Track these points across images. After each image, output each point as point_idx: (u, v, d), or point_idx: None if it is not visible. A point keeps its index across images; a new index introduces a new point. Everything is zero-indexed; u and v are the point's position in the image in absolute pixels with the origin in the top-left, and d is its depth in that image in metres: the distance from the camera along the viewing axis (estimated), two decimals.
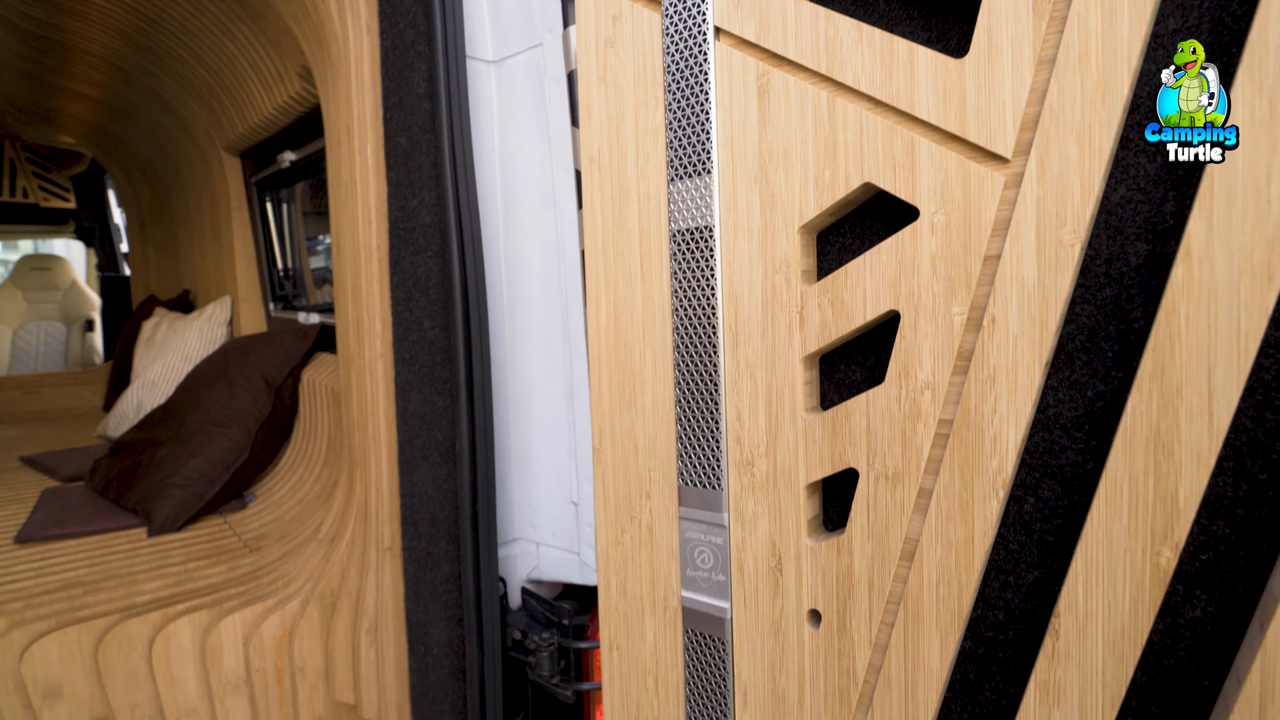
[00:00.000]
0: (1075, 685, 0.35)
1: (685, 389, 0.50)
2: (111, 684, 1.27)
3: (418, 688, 1.14)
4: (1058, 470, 0.38)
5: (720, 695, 0.50)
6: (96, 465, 1.98)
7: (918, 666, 0.41)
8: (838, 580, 0.43)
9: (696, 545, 0.50)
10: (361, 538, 1.29)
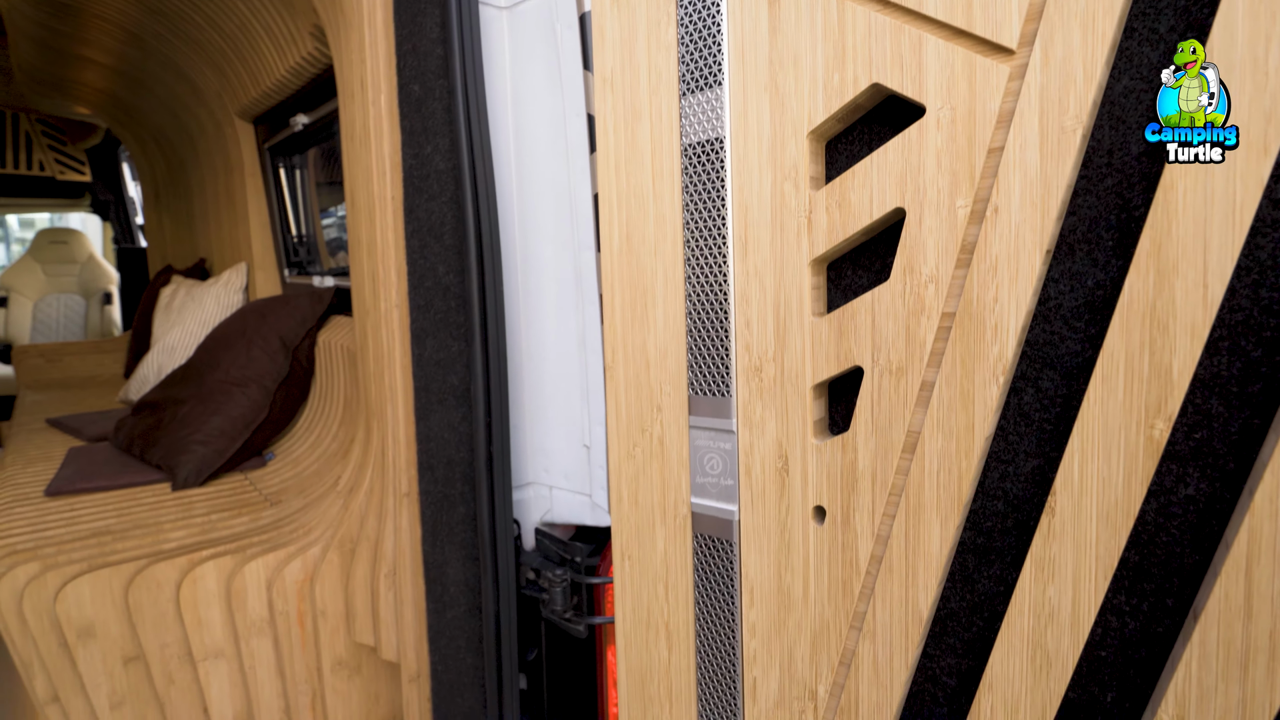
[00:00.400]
0: (1070, 560, 0.37)
1: (695, 301, 0.52)
2: (141, 625, 1.32)
3: (435, 626, 1.18)
4: (1057, 360, 0.39)
5: (728, 595, 0.52)
6: (120, 424, 2.03)
7: (918, 554, 0.42)
8: (842, 476, 0.45)
9: (706, 452, 0.52)
10: (379, 485, 1.33)
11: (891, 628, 0.44)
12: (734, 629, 0.52)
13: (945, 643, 0.44)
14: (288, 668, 1.37)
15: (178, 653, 1.36)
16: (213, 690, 1.37)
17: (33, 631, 1.29)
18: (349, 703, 1.39)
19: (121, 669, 1.34)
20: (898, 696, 0.45)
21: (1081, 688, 0.39)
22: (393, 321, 1.21)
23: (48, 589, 1.29)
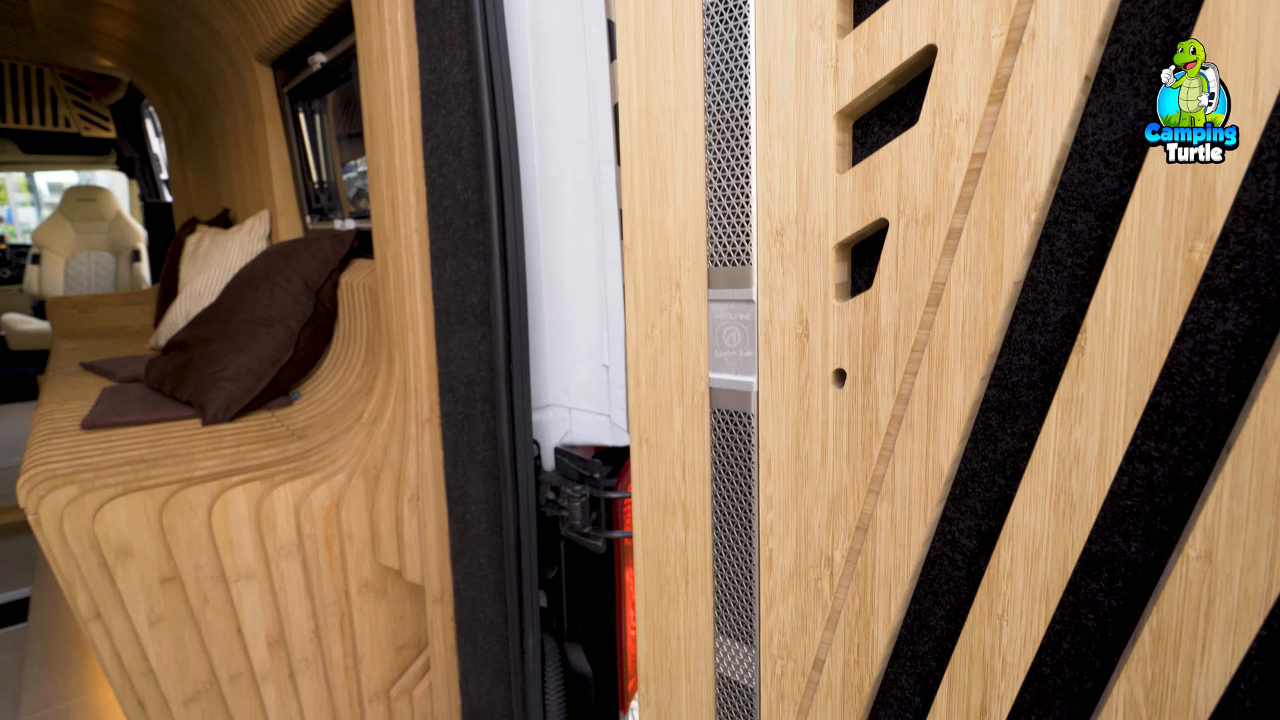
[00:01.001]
0: (1099, 399, 0.36)
1: (716, 170, 0.50)
2: (176, 546, 1.37)
3: (457, 546, 1.20)
4: (1093, 200, 0.37)
5: (745, 469, 0.52)
6: (151, 364, 2.08)
7: (940, 408, 0.42)
8: (864, 335, 0.44)
9: (725, 325, 0.52)
10: (401, 413, 1.35)
11: (911, 487, 0.43)
12: (750, 502, 0.52)
13: (965, 504, 0.43)
14: (316, 590, 1.41)
15: (211, 574, 1.41)
16: (245, 610, 1.42)
17: (73, 551, 1.34)
18: (376, 624, 1.43)
19: (158, 588, 1.39)
20: (915, 557, 0.45)
21: (1105, 539, 0.39)
22: (412, 246, 1.21)
23: (85, 510, 1.33)
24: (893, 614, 0.46)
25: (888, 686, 0.49)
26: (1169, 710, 0.36)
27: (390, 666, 1.46)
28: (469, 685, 1.26)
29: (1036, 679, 0.42)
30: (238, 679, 1.47)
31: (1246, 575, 0.33)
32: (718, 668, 0.56)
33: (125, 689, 1.46)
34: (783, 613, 0.51)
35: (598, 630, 1.13)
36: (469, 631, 1.22)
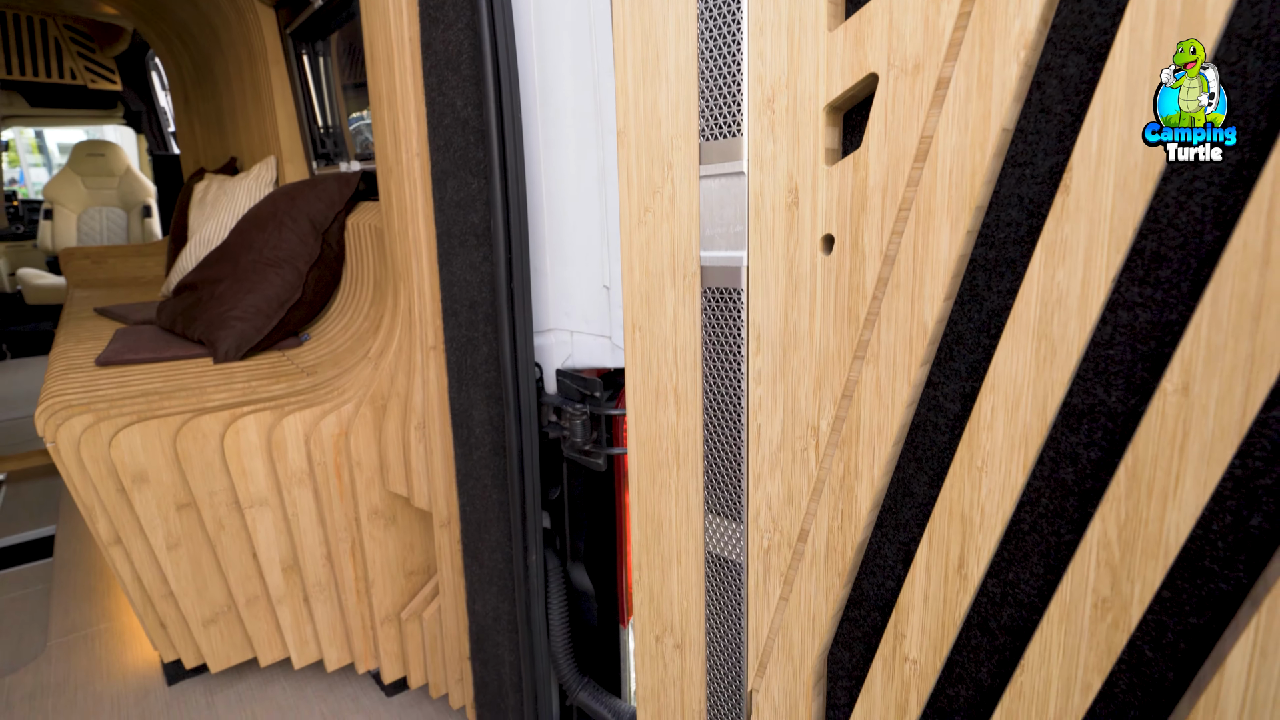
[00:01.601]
0: (1083, 239, 0.36)
1: (708, 39, 0.50)
2: (190, 472, 1.40)
3: (463, 469, 1.23)
4: (1084, 43, 0.36)
5: (734, 347, 0.52)
6: (163, 305, 2.10)
7: (926, 264, 0.42)
8: (852, 197, 0.44)
9: (716, 201, 0.51)
10: (407, 343, 1.36)
11: (895, 348, 0.44)
12: (740, 380, 0.52)
13: (950, 368, 0.44)
14: (328, 516, 1.45)
15: (226, 500, 1.44)
16: (260, 536, 1.46)
17: (91, 477, 1.38)
18: (385, 550, 1.47)
19: (175, 514, 1.44)
20: (899, 419, 0.45)
21: (1086, 391, 0.39)
22: (414, 171, 1.21)
23: (102, 437, 1.37)
24: (876, 477, 0.47)
25: (871, 553, 0.50)
26: (1140, 546, 0.37)
27: (400, 591, 1.51)
28: (475, 604, 1.30)
29: (1015, 536, 0.43)
30: (254, 602, 1.53)
31: (1222, 405, 0.33)
32: (707, 546, 0.58)
33: (147, 611, 1.52)
34: (770, 486, 0.52)
35: (599, 549, 1.15)
36: (475, 552, 1.25)
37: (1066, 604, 0.40)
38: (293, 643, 1.55)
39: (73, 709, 1.58)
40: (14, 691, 1.64)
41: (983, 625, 0.46)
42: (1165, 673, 0.39)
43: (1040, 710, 0.42)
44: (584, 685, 1.16)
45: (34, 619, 1.95)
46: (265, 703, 1.60)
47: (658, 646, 0.65)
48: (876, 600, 0.50)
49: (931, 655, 0.47)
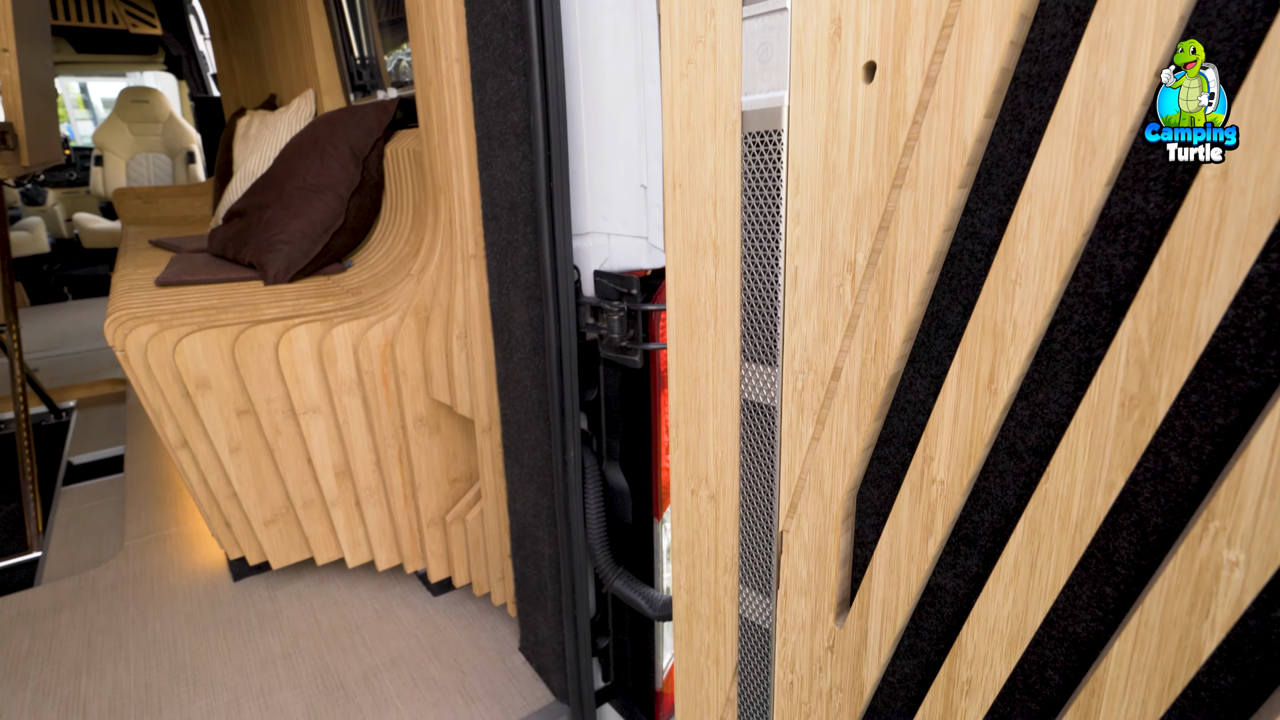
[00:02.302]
0: (1127, 31, 0.36)
1: None
2: (248, 379, 1.48)
3: (503, 372, 1.27)
4: None
5: (773, 189, 0.53)
6: (214, 233, 2.18)
7: (968, 80, 0.42)
8: (895, 20, 0.44)
9: (758, 42, 0.52)
10: (448, 255, 1.39)
11: (934, 170, 0.44)
12: (777, 222, 0.54)
13: (988, 192, 0.44)
14: (376, 424, 1.52)
15: (281, 407, 1.52)
16: (313, 441, 1.54)
17: (158, 382, 1.46)
18: (431, 457, 1.54)
19: (235, 420, 1.52)
20: (935, 245, 0.46)
21: (1124, 200, 0.39)
22: (454, 77, 1.22)
23: (166, 345, 1.45)
24: (910, 306, 0.48)
25: (903, 388, 0.52)
26: (1171, 339, 0.38)
27: (445, 496, 1.58)
28: (516, 503, 1.36)
29: (1046, 355, 0.44)
30: (310, 505, 1.62)
31: (1260, 185, 0.34)
32: (743, 394, 0.60)
33: (213, 511, 1.63)
34: (805, 327, 0.54)
35: (634, 449, 1.19)
36: (515, 453, 1.31)
37: (1094, 406, 0.41)
38: (346, 544, 1.64)
39: (150, 598, 1.72)
40: (97, 582, 1.79)
41: (1010, 449, 0.47)
42: (1190, 475, 0.41)
43: (1063, 514, 0.44)
44: (619, 574, 1.21)
45: (110, 524, 2.10)
46: (323, 598, 1.71)
47: (693, 499, 0.69)
48: (906, 437, 0.52)
49: (959, 474, 0.49)
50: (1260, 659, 0.40)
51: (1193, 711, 0.44)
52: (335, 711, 1.38)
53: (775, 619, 0.63)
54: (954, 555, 0.52)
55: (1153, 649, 0.42)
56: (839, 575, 0.58)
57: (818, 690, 0.61)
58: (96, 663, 1.51)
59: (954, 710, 0.52)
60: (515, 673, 1.48)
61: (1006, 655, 0.49)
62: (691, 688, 0.77)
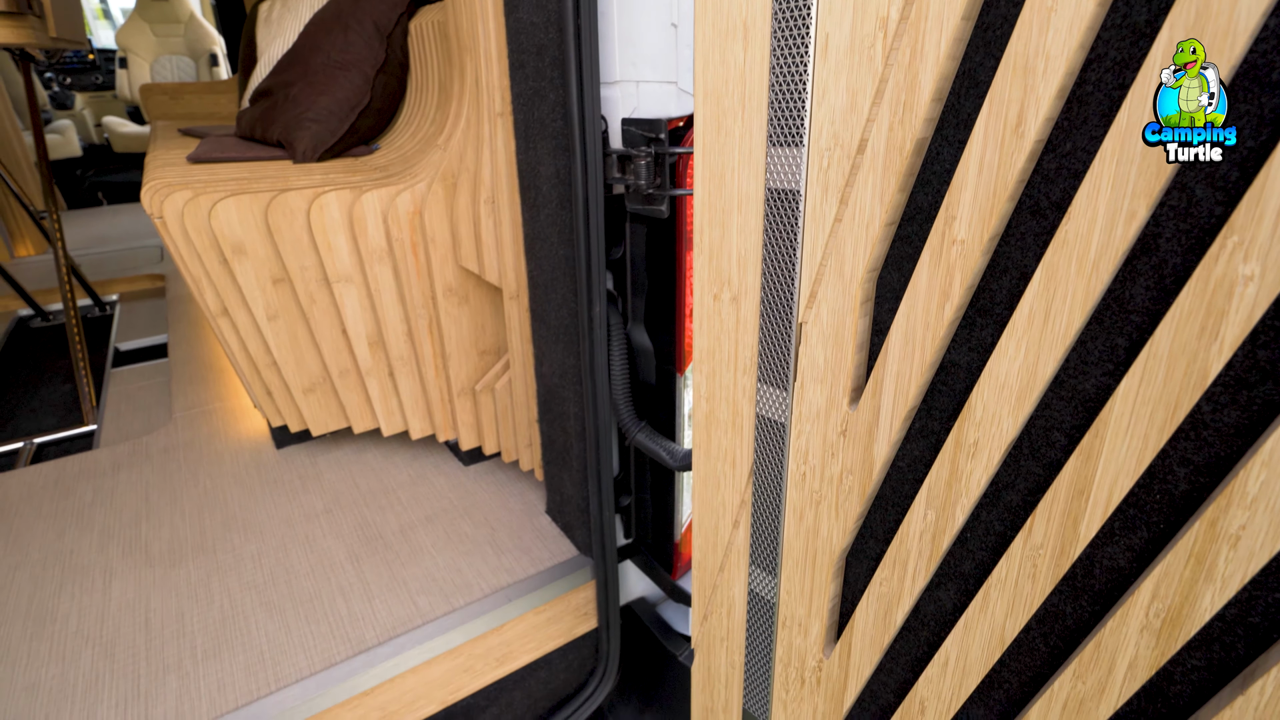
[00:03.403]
0: None
1: None
2: (282, 246, 1.51)
3: (530, 232, 1.28)
4: None
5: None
6: (241, 115, 2.18)
7: None
8: None
9: None
10: (475, 117, 1.38)
11: None
12: None
13: None
14: (407, 293, 1.56)
15: (315, 276, 1.56)
16: (347, 311, 1.58)
17: (196, 248, 1.50)
18: (460, 327, 1.58)
19: (272, 287, 1.57)
20: None
21: None
22: None
23: (201, 209, 1.48)
24: (941, 58, 0.47)
25: (930, 157, 0.52)
26: (1207, 40, 0.37)
27: (474, 367, 1.63)
28: (543, 367, 1.40)
29: (1077, 100, 0.44)
30: (346, 374, 1.68)
31: None
32: (768, 183, 0.61)
33: (254, 379, 1.70)
34: (834, 99, 0.54)
35: (657, 309, 1.21)
36: (542, 315, 1.33)
37: (1122, 132, 0.41)
38: (381, 413, 1.72)
39: (200, 461, 1.83)
40: (150, 447, 1.90)
41: (1034, 207, 0.48)
42: (1214, 207, 0.41)
43: (1081, 254, 0.44)
44: (641, 428, 1.26)
45: (158, 400, 2.21)
46: (360, 464, 1.80)
47: (715, 304, 0.70)
48: (930, 212, 0.53)
49: (979, 232, 0.49)
50: (1267, 388, 0.41)
51: (1194, 453, 0.45)
52: (375, 557, 1.48)
53: (791, 411, 0.65)
54: (969, 328, 0.53)
55: (1159, 380, 0.43)
56: (855, 360, 0.60)
57: (829, 476, 0.64)
58: (154, 513, 1.63)
59: (960, 474, 0.55)
60: (542, 531, 1.56)
61: (1014, 411, 0.50)
62: (708, 495, 0.81)
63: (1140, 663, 0.49)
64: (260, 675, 1.19)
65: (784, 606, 0.74)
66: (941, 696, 0.63)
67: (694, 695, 0.95)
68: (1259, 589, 0.45)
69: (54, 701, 1.15)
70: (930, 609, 0.64)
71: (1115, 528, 0.50)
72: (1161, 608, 0.47)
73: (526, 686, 1.41)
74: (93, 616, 1.32)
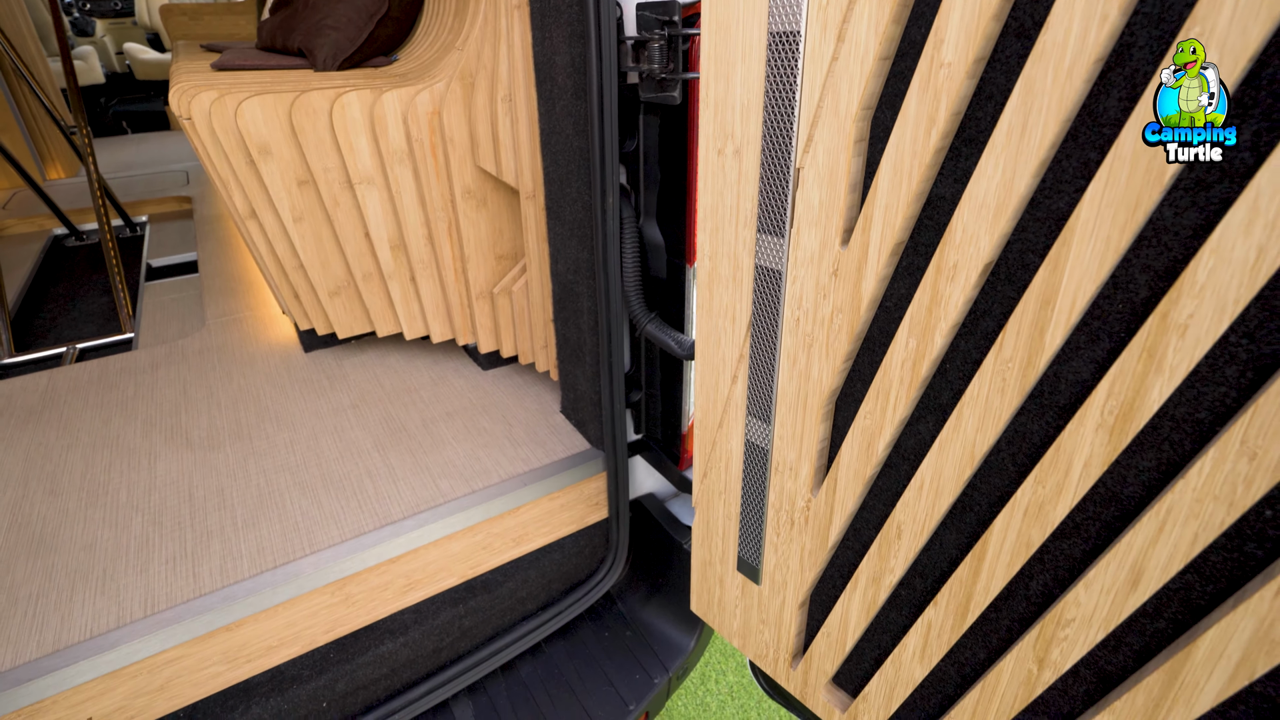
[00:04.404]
0: None
1: None
2: (306, 147, 1.55)
3: (546, 126, 1.30)
4: None
5: None
6: (262, 25, 2.19)
7: None
8: None
9: None
10: (493, 10, 1.39)
11: None
12: None
13: None
14: (427, 196, 1.59)
15: (338, 178, 1.60)
16: (369, 213, 1.63)
17: (224, 148, 1.54)
18: (478, 230, 1.62)
19: (297, 189, 1.61)
20: None
21: None
22: None
23: (228, 109, 1.51)
24: None
25: None
26: None
27: (492, 271, 1.68)
28: (558, 265, 1.44)
29: None
30: (369, 278, 1.74)
31: None
32: (770, 28, 0.63)
33: (282, 282, 1.77)
34: None
35: (668, 203, 1.24)
36: (557, 212, 1.37)
37: None
38: (403, 316, 1.78)
39: (233, 361, 1.92)
40: (186, 349, 1.99)
41: (1019, 29, 0.50)
42: (1182, 10, 0.43)
43: (1057, 63, 0.47)
44: (651, 319, 1.30)
45: (191, 309, 2.30)
46: (384, 367, 1.88)
47: (719, 159, 0.74)
48: (923, 46, 0.55)
49: (965, 53, 0.51)
50: (1225, 188, 0.44)
51: (1154, 259, 0.49)
52: (399, 447, 1.56)
53: (787, 257, 0.69)
54: (955, 159, 0.56)
55: (1122, 181, 0.46)
56: (847, 201, 0.63)
57: (820, 318, 0.69)
58: (192, 405, 1.73)
59: (940, 298, 0.59)
60: (556, 428, 1.64)
61: (991, 229, 0.54)
62: (709, 353, 0.86)
63: (1094, 460, 0.54)
64: (295, 541, 1.29)
65: (777, 453, 0.79)
66: (917, 519, 0.68)
67: (693, 551, 1.02)
68: (1205, 384, 0.49)
69: (110, 558, 1.26)
70: (910, 443, 0.69)
71: (1080, 341, 0.54)
72: (1115, 404, 0.51)
73: (541, 566, 1.50)
74: (140, 490, 1.43)
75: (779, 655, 0.93)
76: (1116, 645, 0.59)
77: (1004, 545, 0.61)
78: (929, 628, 0.71)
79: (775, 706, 2.23)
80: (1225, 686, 0.51)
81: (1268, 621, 0.48)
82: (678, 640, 1.60)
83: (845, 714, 0.86)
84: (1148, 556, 0.53)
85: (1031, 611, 0.65)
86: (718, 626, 1.04)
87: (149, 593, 1.18)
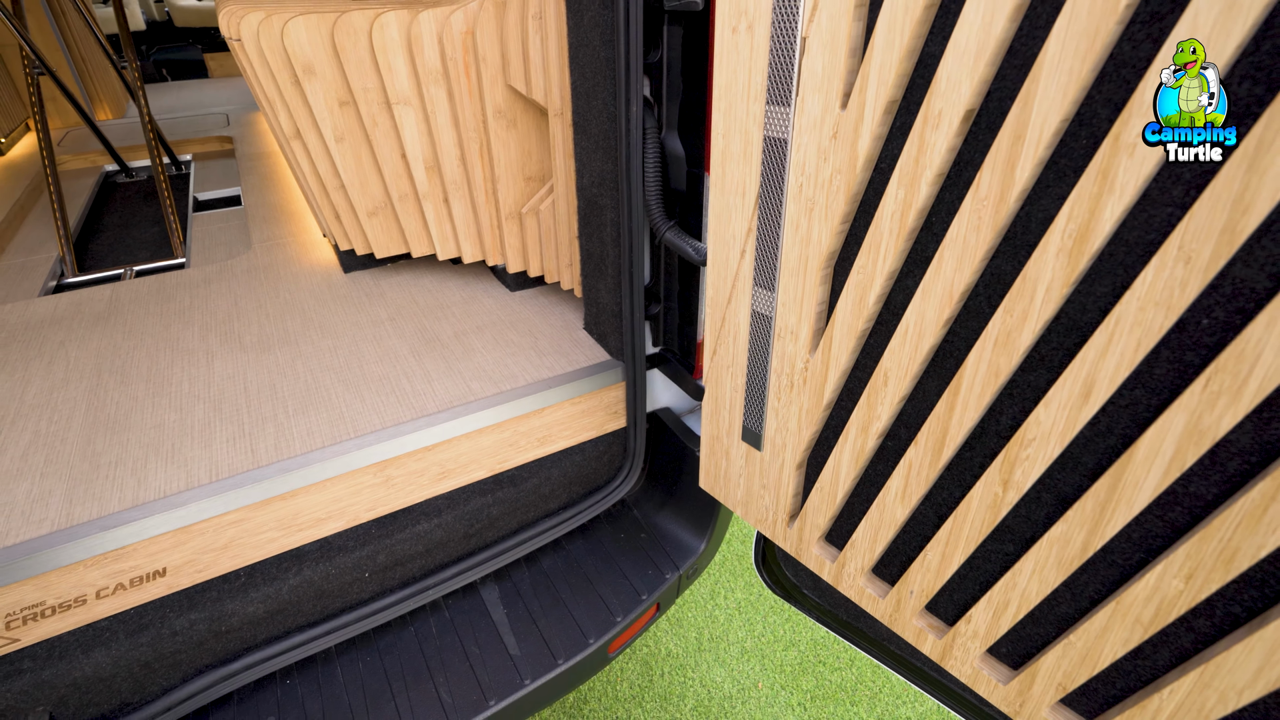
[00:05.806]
0: None
1: None
2: (347, 66, 1.62)
3: (574, 39, 1.36)
4: None
5: None
6: None
7: None
8: None
9: None
10: None
11: None
12: None
13: None
14: (460, 116, 1.67)
15: (377, 98, 1.68)
16: (406, 134, 1.71)
17: (271, 68, 1.63)
18: (509, 150, 1.69)
19: (339, 110, 1.70)
20: None
21: None
22: None
23: (274, 29, 1.59)
24: None
25: None
26: None
27: (521, 193, 1.76)
28: (583, 179, 1.51)
29: None
30: (405, 199, 1.83)
31: None
32: None
33: (324, 201, 1.87)
34: None
35: (689, 114, 1.29)
36: (584, 126, 1.43)
37: None
38: (436, 237, 1.87)
39: (279, 279, 2.04)
40: (235, 269, 2.12)
41: None
42: None
43: None
44: (670, 227, 1.37)
45: (238, 236, 2.43)
46: (418, 286, 1.98)
47: (733, 37, 0.80)
48: None
49: None
50: (1178, 15, 0.49)
51: (1116, 92, 0.54)
52: (433, 354, 1.67)
53: (792, 125, 0.76)
54: (945, 15, 0.62)
55: (1084, 14, 0.52)
56: (847, 65, 0.69)
57: (820, 181, 0.75)
58: (243, 314, 1.85)
59: (926, 146, 0.65)
60: (580, 342, 1.73)
61: (971, 74, 0.60)
62: (721, 230, 0.93)
63: (1055, 284, 0.60)
64: (341, 427, 1.41)
65: (780, 319, 0.87)
66: (902, 364, 0.75)
67: (703, 428, 1.11)
68: (1155, 205, 0.55)
69: (177, 436, 1.39)
70: (899, 299, 0.76)
71: (1049, 179, 0.60)
72: (1074, 228, 0.57)
73: (563, 467, 1.61)
74: (201, 383, 1.56)
75: (777, 517, 1.01)
76: (1074, 465, 0.66)
77: (976, 376, 0.68)
78: (910, 468, 0.78)
79: (777, 620, 2.34)
80: (1161, 480, 0.58)
81: (1196, 414, 0.55)
82: (689, 542, 1.71)
83: (835, 563, 0.95)
84: (1098, 368, 0.59)
85: (1000, 447, 0.72)
86: (723, 498, 1.13)
87: (213, 464, 1.31)
